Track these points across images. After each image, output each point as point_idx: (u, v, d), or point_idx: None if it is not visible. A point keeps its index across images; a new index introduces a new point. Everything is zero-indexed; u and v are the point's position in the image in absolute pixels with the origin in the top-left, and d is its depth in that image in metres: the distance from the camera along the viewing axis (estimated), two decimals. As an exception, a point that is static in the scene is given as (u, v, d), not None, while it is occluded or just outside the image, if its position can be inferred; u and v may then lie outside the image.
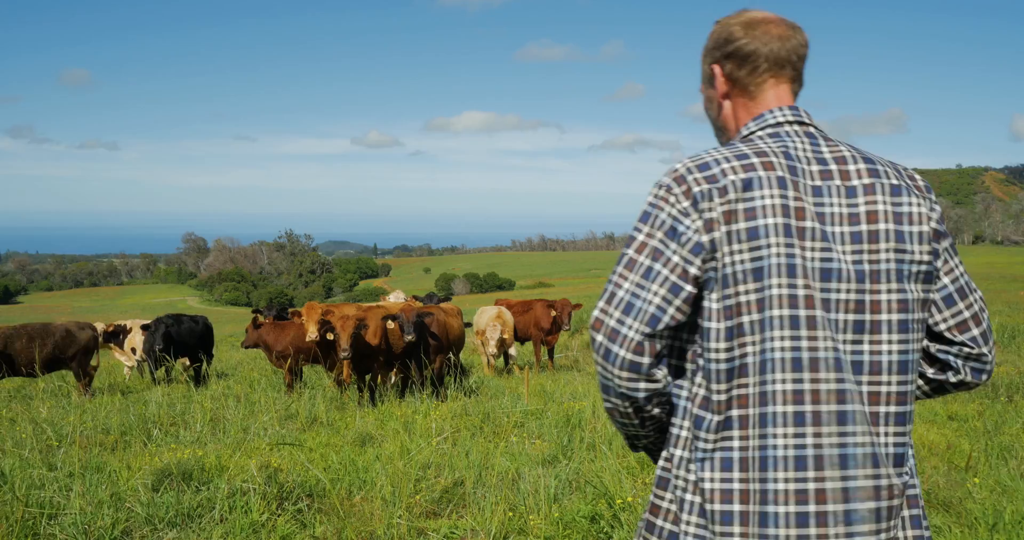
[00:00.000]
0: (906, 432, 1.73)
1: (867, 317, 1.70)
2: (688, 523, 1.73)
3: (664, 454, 1.81)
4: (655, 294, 1.68)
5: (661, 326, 1.68)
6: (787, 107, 1.84)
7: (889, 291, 1.71)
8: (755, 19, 1.86)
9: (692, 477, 1.73)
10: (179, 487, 5.10)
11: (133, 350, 13.22)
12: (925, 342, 1.84)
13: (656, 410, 1.79)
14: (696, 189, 1.70)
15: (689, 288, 1.68)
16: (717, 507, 1.68)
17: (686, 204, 1.70)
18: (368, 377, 9.53)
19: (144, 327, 12.40)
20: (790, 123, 1.82)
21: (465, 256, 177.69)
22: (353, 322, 8.94)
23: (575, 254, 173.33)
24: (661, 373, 1.74)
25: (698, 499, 1.71)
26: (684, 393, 1.76)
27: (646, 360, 1.70)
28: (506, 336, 12.09)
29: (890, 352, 1.70)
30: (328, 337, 9.20)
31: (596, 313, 1.74)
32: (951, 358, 1.84)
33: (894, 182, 1.76)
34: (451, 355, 10.08)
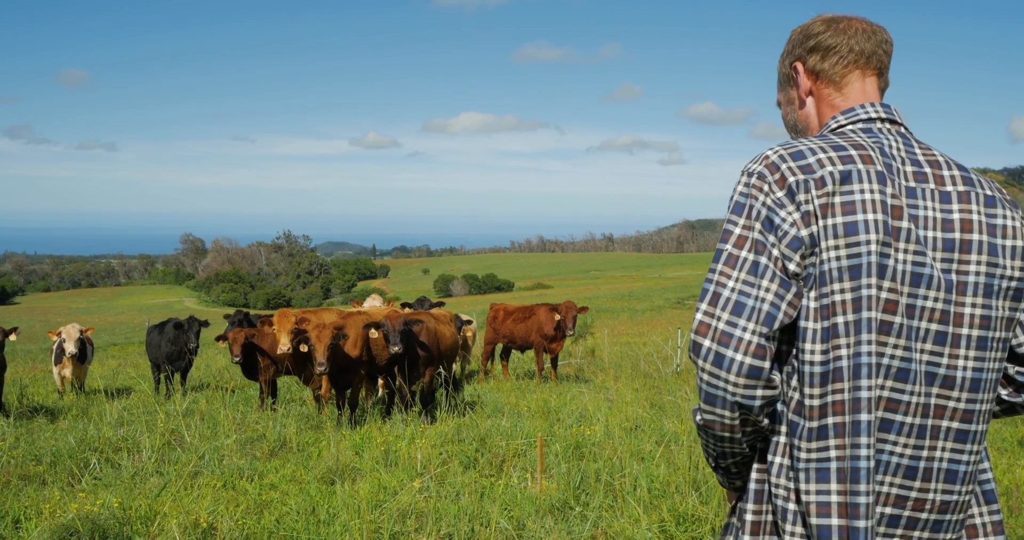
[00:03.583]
0: (967, 450, 1.64)
1: (950, 329, 1.61)
2: (794, 535, 1.62)
3: (757, 466, 1.70)
4: (766, 290, 1.57)
5: (777, 325, 1.57)
6: (879, 104, 1.76)
7: (974, 305, 1.62)
8: (837, 16, 1.83)
9: (792, 486, 1.63)
10: (86, 549, 3.99)
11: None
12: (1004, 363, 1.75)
13: (765, 421, 1.66)
14: (791, 179, 1.59)
15: (796, 284, 1.58)
16: (815, 521, 1.58)
17: (780, 194, 1.60)
18: (348, 392, 8.41)
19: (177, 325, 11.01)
20: (882, 120, 1.74)
21: (464, 257, 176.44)
22: (330, 332, 7.82)
23: (574, 255, 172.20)
24: (778, 378, 1.63)
25: (801, 509, 1.62)
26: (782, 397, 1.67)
27: (767, 364, 1.58)
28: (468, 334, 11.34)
29: (965, 368, 1.62)
30: (302, 348, 8.10)
31: (700, 316, 1.63)
32: None
33: (988, 193, 1.68)
34: (443, 368, 8.96)
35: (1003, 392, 1.77)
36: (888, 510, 1.61)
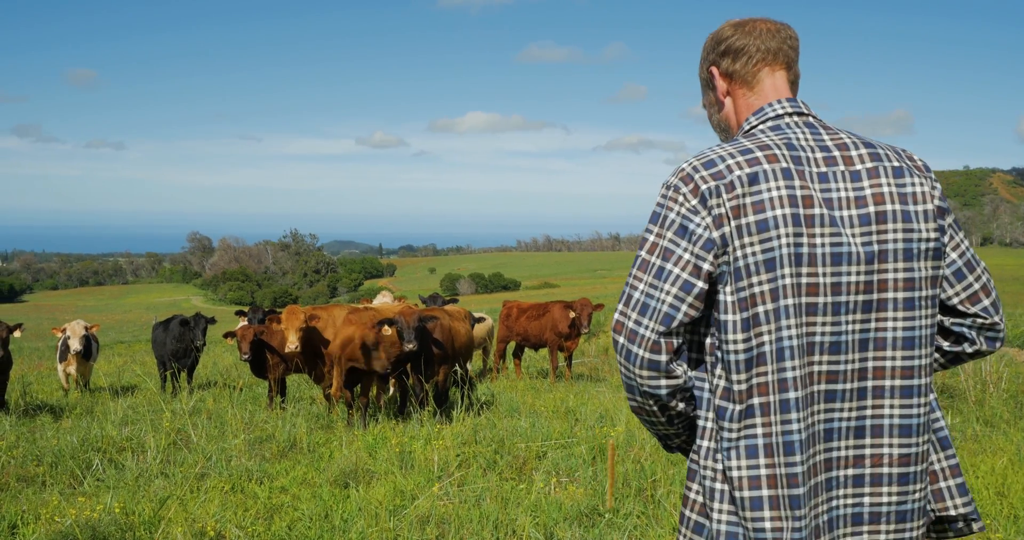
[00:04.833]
0: (916, 404, 1.76)
1: (874, 296, 1.74)
2: (720, 511, 1.74)
3: (692, 446, 1.83)
4: (667, 293, 1.73)
5: (675, 324, 1.72)
6: (786, 99, 1.88)
7: (896, 270, 1.75)
8: (743, 20, 1.95)
9: (719, 466, 1.75)
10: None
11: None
12: (938, 317, 1.86)
13: (681, 405, 1.81)
14: (704, 187, 1.74)
15: (701, 284, 1.72)
16: (746, 494, 1.69)
17: (694, 202, 1.74)
18: (358, 390, 8.14)
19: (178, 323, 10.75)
20: (789, 115, 1.86)
21: (470, 256, 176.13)
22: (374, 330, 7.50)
23: (580, 254, 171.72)
24: (680, 369, 1.77)
25: (727, 487, 1.73)
26: (706, 385, 1.79)
27: (663, 358, 1.74)
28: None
29: (895, 329, 1.75)
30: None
31: (616, 315, 1.79)
32: (965, 330, 1.87)
33: (895, 164, 1.80)
34: (458, 366, 8.69)
35: (944, 344, 1.90)
36: (850, 472, 1.74)
